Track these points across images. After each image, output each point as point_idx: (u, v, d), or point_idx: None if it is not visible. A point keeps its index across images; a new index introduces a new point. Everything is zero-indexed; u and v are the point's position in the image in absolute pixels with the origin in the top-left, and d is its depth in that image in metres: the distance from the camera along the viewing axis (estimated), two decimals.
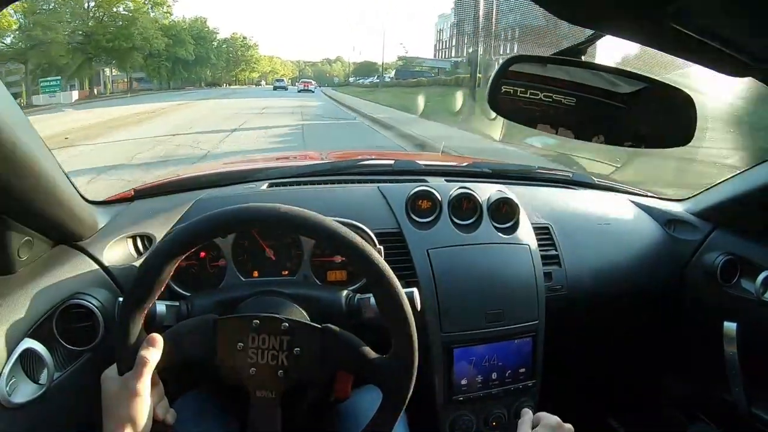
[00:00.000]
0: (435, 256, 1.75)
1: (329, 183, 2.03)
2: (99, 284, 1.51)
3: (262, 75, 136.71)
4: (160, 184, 2.00)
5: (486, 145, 13.42)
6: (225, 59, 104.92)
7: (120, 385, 1.05)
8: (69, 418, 1.39)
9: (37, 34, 45.95)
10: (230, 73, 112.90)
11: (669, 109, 1.05)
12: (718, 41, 0.73)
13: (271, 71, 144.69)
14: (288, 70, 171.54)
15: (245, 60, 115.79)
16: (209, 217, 1.10)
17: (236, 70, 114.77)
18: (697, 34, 0.72)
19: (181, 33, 74.62)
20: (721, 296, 2.05)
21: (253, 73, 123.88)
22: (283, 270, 1.68)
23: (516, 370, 1.78)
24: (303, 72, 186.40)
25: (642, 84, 1.03)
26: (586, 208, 2.17)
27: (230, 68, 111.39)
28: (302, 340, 1.15)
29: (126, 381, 1.04)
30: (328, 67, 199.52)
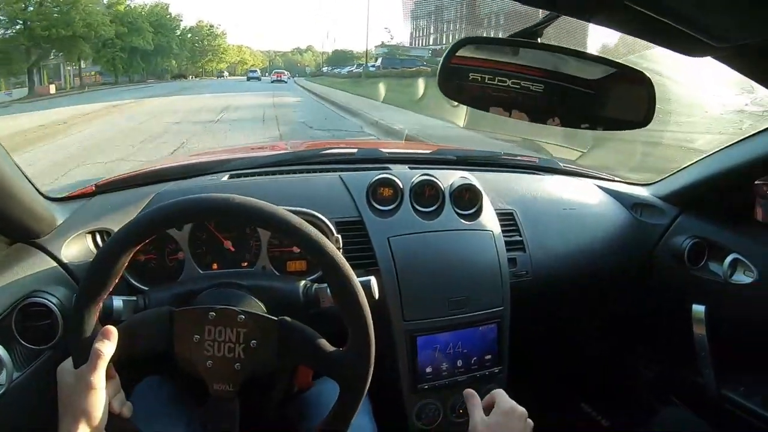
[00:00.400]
0: (396, 244, 1.74)
1: (291, 173, 2.01)
2: (57, 281, 1.49)
3: (231, 65, 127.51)
4: (121, 178, 1.98)
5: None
6: (189, 49, 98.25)
7: (75, 378, 1.03)
8: (30, 418, 1.38)
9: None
10: (196, 64, 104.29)
11: (627, 90, 1.04)
12: (677, 21, 0.72)
13: (240, 61, 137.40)
14: (258, 60, 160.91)
15: (212, 50, 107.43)
16: (161, 208, 1.09)
17: (203, 61, 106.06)
18: (655, 13, 0.70)
19: (138, 20, 68.23)
20: (689, 279, 2.07)
21: (221, 64, 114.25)
22: (242, 261, 1.67)
23: (482, 357, 1.77)
24: (273, 62, 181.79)
25: (600, 65, 1.01)
26: (551, 193, 2.16)
27: (196, 59, 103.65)
28: (258, 333, 1.13)
29: (81, 374, 1.03)
30: (299, 57, 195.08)
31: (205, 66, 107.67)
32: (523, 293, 1.86)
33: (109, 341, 1.05)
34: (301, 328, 1.15)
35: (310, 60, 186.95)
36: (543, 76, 0.98)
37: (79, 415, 1.01)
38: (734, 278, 1.93)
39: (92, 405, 1.01)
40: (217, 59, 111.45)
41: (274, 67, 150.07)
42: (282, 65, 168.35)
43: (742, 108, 4.47)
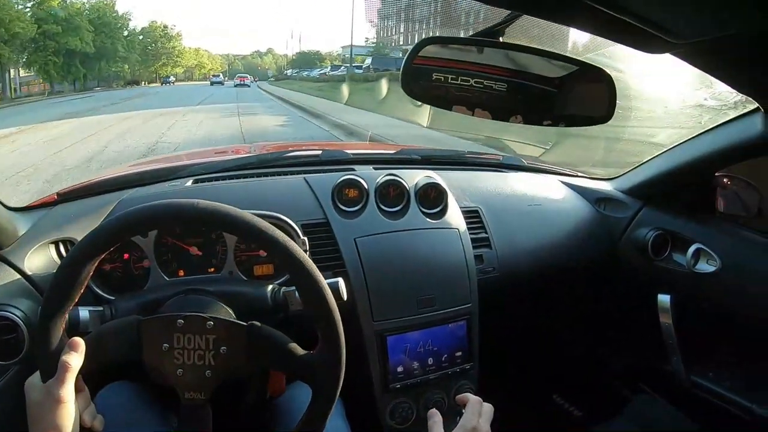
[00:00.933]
0: (362, 245, 1.75)
1: (255, 176, 2.01)
2: (21, 294, 1.46)
3: (188, 70, 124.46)
4: (83, 186, 1.95)
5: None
6: (140, 52, 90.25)
7: (43, 392, 1.02)
8: None
9: None
10: (149, 68, 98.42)
11: (588, 87, 1.05)
12: (635, 19, 0.73)
13: (197, 65, 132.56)
14: (216, 64, 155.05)
15: (167, 53, 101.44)
16: (125, 215, 1.08)
17: (156, 65, 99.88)
18: (614, 11, 0.72)
19: (75, 18, 58.66)
20: (654, 270, 2.10)
21: (177, 68, 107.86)
22: (209, 267, 1.66)
23: (452, 354, 1.78)
24: (233, 66, 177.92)
25: (561, 63, 1.03)
26: (516, 190, 2.18)
27: (148, 63, 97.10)
28: (228, 339, 1.13)
29: (49, 388, 1.01)
30: (259, 60, 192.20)
31: (159, 70, 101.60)
32: (491, 289, 1.87)
33: (77, 353, 1.04)
34: (270, 333, 1.15)
35: (270, 63, 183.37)
36: (505, 74, 0.99)
37: (48, 429, 0.99)
38: (698, 267, 1.95)
39: (62, 419, 1.00)
40: (172, 63, 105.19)
41: (234, 71, 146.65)
42: (242, 69, 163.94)
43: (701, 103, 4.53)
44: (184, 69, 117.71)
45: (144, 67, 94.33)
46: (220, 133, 16.07)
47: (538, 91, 1.00)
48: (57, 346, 1.04)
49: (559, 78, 1.01)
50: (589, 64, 1.05)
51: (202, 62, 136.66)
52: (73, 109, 27.23)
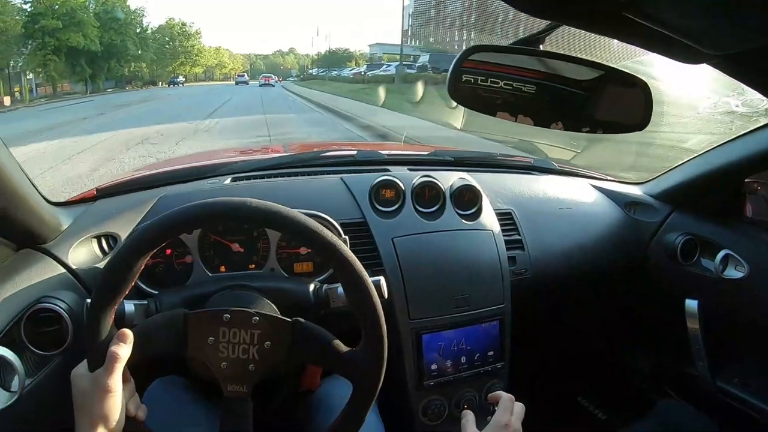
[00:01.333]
0: (400, 245, 1.77)
1: (292, 175, 2.03)
2: (65, 287, 1.49)
3: (208, 69, 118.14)
4: (122, 182, 1.99)
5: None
6: (156, 50, 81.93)
7: (91, 381, 1.04)
8: (43, 424, 1.39)
9: None
10: (166, 68, 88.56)
11: (625, 95, 1.07)
12: (672, 30, 0.74)
13: (218, 64, 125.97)
14: (238, 63, 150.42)
15: (185, 51, 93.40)
16: (177, 213, 1.10)
17: (174, 64, 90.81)
18: (650, 23, 0.73)
19: (78, 12, 51.98)
20: (682, 275, 2.10)
21: (196, 68, 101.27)
22: (250, 264, 1.68)
23: (485, 353, 1.80)
24: (254, 65, 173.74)
25: (599, 71, 1.05)
26: (547, 193, 2.19)
27: (165, 62, 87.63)
28: (273, 334, 1.15)
29: (97, 377, 1.03)
30: (281, 59, 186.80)
31: (177, 70, 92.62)
32: (523, 290, 1.88)
33: (125, 344, 1.06)
34: (315, 329, 1.17)
35: (292, 63, 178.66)
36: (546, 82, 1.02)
37: (96, 418, 1.02)
38: (726, 273, 1.95)
39: (109, 408, 1.03)
40: (191, 62, 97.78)
41: (256, 71, 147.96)
42: (264, 68, 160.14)
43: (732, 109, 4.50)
44: (204, 68, 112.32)
45: (161, 67, 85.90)
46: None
47: (577, 98, 1.02)
48: (105, 338, 1.07)
49: (597, 86, 1.03)
50: (625, 72, 1.06)
51: (223, 61, 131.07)
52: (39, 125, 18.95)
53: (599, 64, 1.04)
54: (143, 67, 75.83)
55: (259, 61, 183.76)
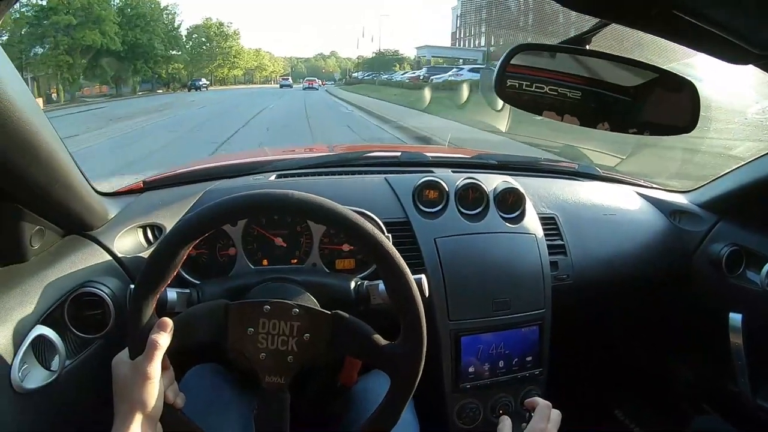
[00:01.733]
0: (442, 245, 1.76)
1: (337, 174, 2.04)
2: (110, 273, 1.53)
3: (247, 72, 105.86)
4: (169, 175, 2.03)
5: None
6: (191, 52, 74.21)
7: (131, 368, 1.06)
8: (79, 405, 1.42)
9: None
10: (202, 69, 77.14)
11: (673, 97, 1.06)
12: (721, 29, 0.74)
13: (257, 67, 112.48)
14: (278, 66, 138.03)
15: (222, 53, 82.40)
16: (223, 202, 1.12)
17: (211, 66, 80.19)
18: (700, 21, 0.73)
19: (95, 7, 45.13)
20: (727, 287, 2.06)
21: (235, 70, 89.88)
22: (292, 258, 1.71)
23: (523, 358, 1.79)
24: (295, 68, 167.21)
25: (647, 72, 1.04)
26: (591, 199, 2.17)
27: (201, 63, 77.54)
28: (312, 326, 1.16)
29: (137, 365, 1.05)
30: (323, 63, 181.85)
31: (214, 72, 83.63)
32: (564, 296, 1.87)
33: (166, 333, 1.08)
34: (354, 322, 1.17)
35: (334, 66, 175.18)
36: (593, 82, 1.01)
37: (135, 404, 1.04)
38: None
39: (148, 395, 1.04)
40: (229, 64, 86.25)
41: (297, 74, 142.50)
42: (305, 71, 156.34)
43: None
44: (244, 71, 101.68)
45: (198, 69, 75.75)
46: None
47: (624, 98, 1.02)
48: (146, 325, 1.08)
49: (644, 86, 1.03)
50: (673, 74, 1.06)
51: (263, 64, 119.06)
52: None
53: (647, 65, 1.03)
54: (180, 69, 68.53)
55: (300, 64, 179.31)
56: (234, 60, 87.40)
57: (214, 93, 56.76)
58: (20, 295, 1.29)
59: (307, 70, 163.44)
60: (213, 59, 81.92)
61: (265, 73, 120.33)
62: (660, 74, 1.05)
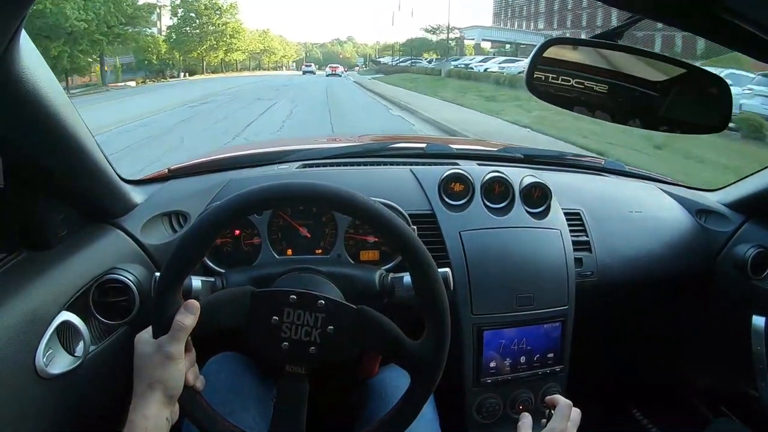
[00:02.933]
0: (467, 239, 1.76)
1: (361, 165, 2.05)
2: (135, 260, 1.56)
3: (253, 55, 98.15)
4: (194, 164, 2.04)
5: None
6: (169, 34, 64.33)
7: (154, 347, 1.07)
8: (102, 391, 1.44)
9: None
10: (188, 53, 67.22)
11: (705, 95, 1.05)
12: (758, 28, 0.73)
13: (264, 50, 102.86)
14: (291, 50, 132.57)
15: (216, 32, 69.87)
16: (253, 191, 1.12)
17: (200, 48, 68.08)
18: (741, 21, 0.72)
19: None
20: (751, 289, 2.04)
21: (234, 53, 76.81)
22: (316, 249, 1.72)
23: (544, 354, 1.79)
24: (310, 53, 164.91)
25: (679, 69, 1.03)
26: (617, 195, 2.16)
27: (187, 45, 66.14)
28: (337, 319, 1.16)
29: (161, 344, 1.06)
30: (339, 48, 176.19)
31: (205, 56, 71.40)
32: (587, 294, 1.86)
33: (192, 315, 1.08)
34: (379, 318, 1.17)
35: (351, 51, 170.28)
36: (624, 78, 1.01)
37: (154, 383, 1.05)
38: None
39: (168, 374, 1.05)
40: (225, 46, 73.03)
41: (311, 59, 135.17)
42: (320, 57, 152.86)
43: None
44: (248, 55, 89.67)
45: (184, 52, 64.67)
46: None
47: (655, 95, 1.01)
48: (172, 307, 1.08)
49: (675, 84, 1.02)
50: (705, 71, 1.05)
51: (272, 47, 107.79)
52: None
53: (679, 61, 1.02)
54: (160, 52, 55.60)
55: (315, 49, 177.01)
56: (231, 41, 73.91)
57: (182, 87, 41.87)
58: (46, 281, 1.31)
59: (323, 55, 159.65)
60: (203, 40, 68.63)
61: (275, 57, 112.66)
62: (691, 71, 1.04)
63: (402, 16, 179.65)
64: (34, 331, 1.23)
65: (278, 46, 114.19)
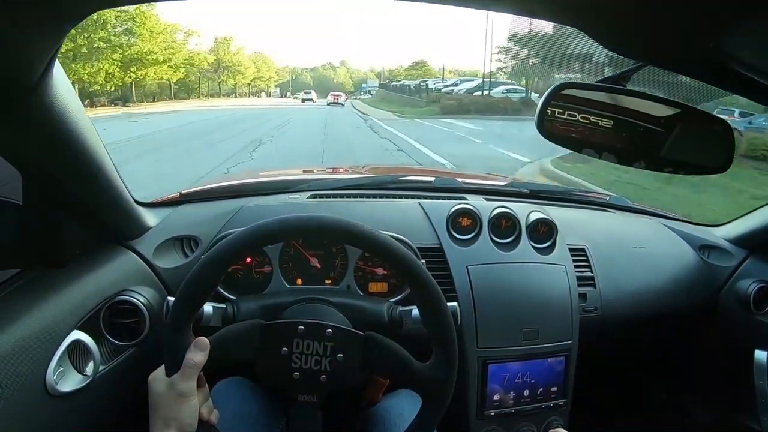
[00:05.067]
0: (474, 273, 1.78)
1: (371, 197, 2.07)
2: (146, 282, 1.59)
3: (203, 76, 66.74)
4: (205, 189, 2.08)
5: None
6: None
7: (167, 385, 1.09)
8: (110, 410, 1.46)
9: None
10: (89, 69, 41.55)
11: (708, 136, 1.07)
12: (758, 74, 0.76)
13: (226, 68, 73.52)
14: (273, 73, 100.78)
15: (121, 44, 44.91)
16: (264, 225, 1.15)
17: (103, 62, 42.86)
18: (742, 68, 0.75)
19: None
20: (753, 324, 2.06)
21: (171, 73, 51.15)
22: (326, 279, 1.74)
23: (548, 388, 1.80)
24: (299, 78, 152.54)
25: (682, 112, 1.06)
26: (621, 231, 2.18)
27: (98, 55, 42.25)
28: (345, 347, 1.18)
29: (173, 382, 1.08)
30: (332, 73, 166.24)
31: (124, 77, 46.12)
32: (591, 328, 1.88)
33: (202, 352, 1.10)
34: (387, 343, 1.19)
35: (344, 76, 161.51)
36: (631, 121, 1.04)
37: (169, 421, 1.07)
38: None
39: (183, 412, 1.07)
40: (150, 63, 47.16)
41: (300, 85, 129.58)
42: (310, 81, 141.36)
43: None
44: (200, 74, 65.51)
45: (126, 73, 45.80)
46: None
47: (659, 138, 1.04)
48: (183, 343, 1.10)
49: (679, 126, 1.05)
50: (708, 114, 1.07)
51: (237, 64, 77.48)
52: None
53: (682, 105, 1.05)
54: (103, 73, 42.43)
55: (305, 74, 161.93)
56: (160, 56, 49.48)
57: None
58: (59, 299, 1.34)
59: (313, 80, 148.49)
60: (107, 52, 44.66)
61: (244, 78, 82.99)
62: (696, 114, 1.07)
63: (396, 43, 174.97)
64: (46, 349, 1.25)
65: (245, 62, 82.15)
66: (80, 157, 1.22)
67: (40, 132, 1.09)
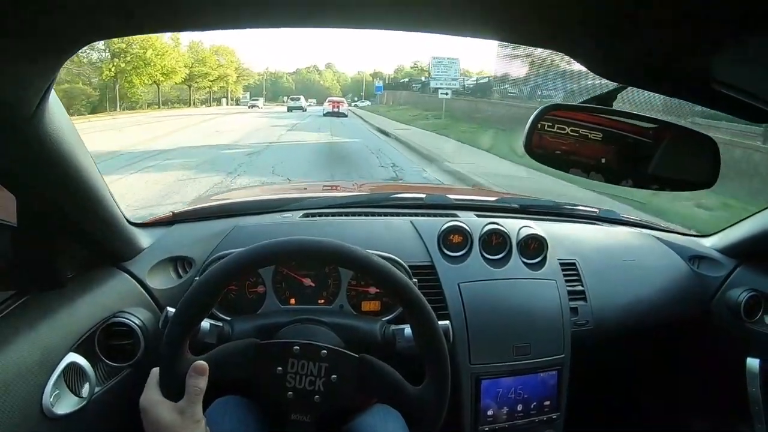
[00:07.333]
0: (466, 290, 1.80)
1: (362, 215, 2.08)
2: (140, 304, 1.60)
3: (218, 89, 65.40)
4: (198, 209, 2.10)
5: None
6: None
7: (177, 412, 1.09)
8: (107, 431, 1.47)
9: None
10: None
11: (694, 153, 1.09)
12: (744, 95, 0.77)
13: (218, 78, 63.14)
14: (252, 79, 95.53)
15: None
16: (257, 249, 1.16)
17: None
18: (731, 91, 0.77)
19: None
20: (745, 332, 2.08)
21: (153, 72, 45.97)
22: (319, 299, 1.75)
23: (541, 402, 1.81)
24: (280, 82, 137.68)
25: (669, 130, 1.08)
26: (611, 244, 2.20)
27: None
28: (339, 368, 1.19)
29: (184, 409, 1.09)
30: (317, 77, 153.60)
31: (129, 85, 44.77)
32: (583, 342, 1.89)
33: (203, 376, 1.11)
34: (381, 366, 1.20)
35: (331, 80, 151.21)
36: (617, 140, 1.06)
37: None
38: None
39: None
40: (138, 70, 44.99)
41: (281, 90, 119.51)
42: (293, 86, 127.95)
43: None
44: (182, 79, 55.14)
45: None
46: None
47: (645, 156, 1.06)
48: (182, 367, 1.11)
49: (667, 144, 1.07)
50: (694, 131, 1.09)
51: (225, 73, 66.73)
52: None
53: (669, 123, 1.07)
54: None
55: (287, 78, 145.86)
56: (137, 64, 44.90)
57: None
58: (55, 322, 1.35)
59: (296, 84, 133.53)
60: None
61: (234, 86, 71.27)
62: (681, 131, 1.09)
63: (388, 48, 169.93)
64: (42, 372, 1.26)
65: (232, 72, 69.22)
66: (75, 181, 1.23)
67: (37, 158, 1.09)
